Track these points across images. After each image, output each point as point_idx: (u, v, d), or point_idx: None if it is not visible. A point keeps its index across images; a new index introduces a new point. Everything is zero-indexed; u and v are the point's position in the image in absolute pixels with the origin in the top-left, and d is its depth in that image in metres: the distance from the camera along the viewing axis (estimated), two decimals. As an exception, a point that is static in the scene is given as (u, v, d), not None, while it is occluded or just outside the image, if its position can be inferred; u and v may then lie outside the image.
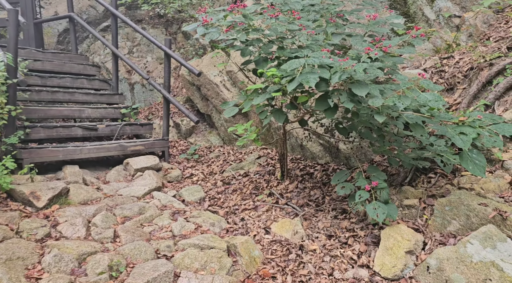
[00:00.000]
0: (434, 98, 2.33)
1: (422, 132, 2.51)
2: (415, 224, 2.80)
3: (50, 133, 4.27)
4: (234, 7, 3.02)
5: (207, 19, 3.24)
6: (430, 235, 2.63)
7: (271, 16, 2.94)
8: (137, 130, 5.15)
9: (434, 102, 2.30)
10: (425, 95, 2.38)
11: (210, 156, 5.32)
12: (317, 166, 4.25)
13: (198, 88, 5.79)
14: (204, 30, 3.20)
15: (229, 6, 3.10)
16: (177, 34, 8.03)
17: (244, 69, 3.59)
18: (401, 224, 2.69)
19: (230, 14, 3.12)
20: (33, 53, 5.65)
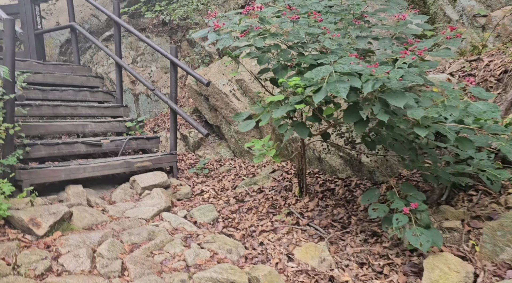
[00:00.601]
0: (490, 108, 2.02)
1: (470, 147, 2.20)
2: (459, 250, 2.48)
3: (52, 151, 3.99)
4: (250, 10, 2.74)
5: (219, 24, 2.96)
6: (480, 265, 2.31)
7: (291, 19, 2.65)
8: (144, 145, 4.87)
9: (490, 113, 1.99)
10: (478, 105, 2.08)
11: (220, 170, 5.02)
12: (337, 180, 3.93)
13: (206, 98, 5.51)
14: (215, 36, 2.91)
15: (243, 9, 2.82)
16: (182, 42, 7.78)
17: (260, 78, 3.30)
18: (446, 252, 2.37)
19: (244, 18, 2.84)
20: (34, 66, 5.41)
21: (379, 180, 3.70)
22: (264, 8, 2.81)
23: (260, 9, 2.74)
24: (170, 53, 4.80)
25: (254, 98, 4.92)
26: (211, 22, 3.13)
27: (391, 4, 3.09)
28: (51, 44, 8.16)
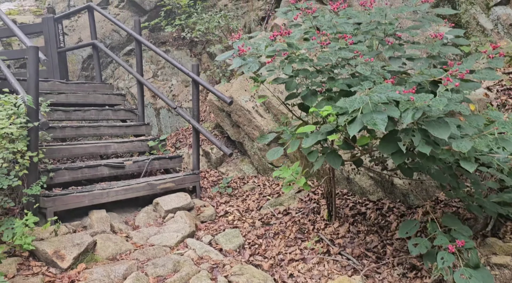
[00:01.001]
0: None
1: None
2: (512, 291, 2.27)
3: (75, 176, 3.96)
4: (277, 35, 2.61)
5: (244, 49, 2.84)
6: (538, 310, 2.09)
7: (322, 44, 2.50)
8: (166, 164, 4.79)
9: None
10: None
11: (244, 188, 4.90)
12: (368, 203, 3.74)
13: (228, 114, 5.41)
14: (241, 62, 2.80)
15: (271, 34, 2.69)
16: (202, 54, 7.74)
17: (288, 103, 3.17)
18: (499, 296, 2.16)
19: (271, 43, 2.71)
20: (57, 86, 5.43)
21: (414, 204, 3.50)
22: (292, 31, 2.67)
23: (288, 34, 2.61)
24: (191, 70, 4.72)
25: (277, 114, 4.79)
26: (235, 45, 3.02)
27: (425, 21, 2.90)
28: (74, 60, 8.26)
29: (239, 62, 2.80)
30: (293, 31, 2.73)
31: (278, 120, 4.80)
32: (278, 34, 2.59)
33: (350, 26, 2.77)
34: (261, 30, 6.89)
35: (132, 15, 8.20)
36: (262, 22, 7.06)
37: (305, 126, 2.33)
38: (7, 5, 11.47)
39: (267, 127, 4.82)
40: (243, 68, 2.77)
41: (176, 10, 7.63)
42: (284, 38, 2.60)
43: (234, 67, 2.85)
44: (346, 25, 2.77)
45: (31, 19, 9.13)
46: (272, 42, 2.71)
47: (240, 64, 2.79)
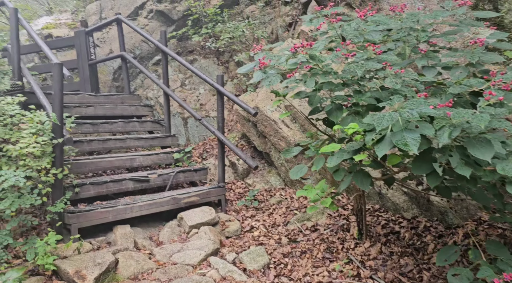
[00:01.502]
0: None
1: None
2: None
3: (100, 190, 3.96)
4: (299, 47, 2.45)
5: (265, 62, 2.70)
6: None
7: (346, 56, 2.32)
8: (191, 177, 4.73)
9: None
10: None
11: (271, 202, 4.74)
12: (402, 221, 3.48)
13: (254, 124, 5.28)
14: (262, 75, 2.66)
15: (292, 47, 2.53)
16: (229, 63, 7.68)
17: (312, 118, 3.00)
18: None
19: (293, 55, 2.55)
20: (86, 98, 5.53)
21: (453, 223, 3.21)
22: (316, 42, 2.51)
23: (310, 46, 2.44)
24: (216, 81, 4.64)
25: (304, 125, 4.60)
26: (256, 57, 2.89)
27: (462, 25, 2.64)
28: (105, 71, 8.45)
29: (259, 75, 2.66)
30: (316, 43, 2.56)
31: (305, 130, 4.62)
32: (300, 46, 2.43)
33: (379, 34, 2.57)
34: (288, 36, 6.74)
35: (160, 25, 8.29)
36: (290, 28, 6.91)
37: (329, 145, 2.15)
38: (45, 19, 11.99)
39: (293, 139, 4.65)
40: (264, 82, 2.63)
41: (203, 18, 7.63)
42: (306, 50, 2.44)
43: (255, 81, 2.72)
44: (374, 33, 2.57)
45: (66, 32, 9.45)
46: (293, 55, 2.56)
47: (261, 77, 2.65)
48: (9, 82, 4.46)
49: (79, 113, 5.13)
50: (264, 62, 2.69)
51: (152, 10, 8.34)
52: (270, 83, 2.60)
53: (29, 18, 10.21)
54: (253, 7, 8.17)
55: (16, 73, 4.45)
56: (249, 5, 8.33)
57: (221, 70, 7.53)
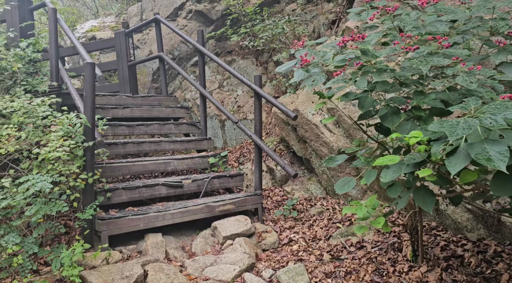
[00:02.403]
0: None
1: None
2: None
3: (132, 196, 3.81)
4: (347, 41, 2.10)
5: (307, 58, 2.37)
6: None
7: (407, 50, 1.94)
8: (226, 183, 4.48)
9: None
10: None
11: (311, 212, 4.39)
12: (466, 243, 3.01)
13: (293, 128, 4.95)
14: (303, 74, 2.34)
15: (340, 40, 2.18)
16: (268, 63, 7.39)
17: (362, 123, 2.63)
18: None
19: (341, 50, 2.21)
20: (124, 99, 5.45)
21: (531, 249, 2.70)
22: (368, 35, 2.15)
23: (361, 39, 2.08)
24: (254, 82, 4.36)
25: (349, 129, 4.21)
26: (298, 53, 2.57)
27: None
28: (145, 72, 8.46)
29: (301, 74, 2.34)
30: (368, 35, 2.19)
31: (350, 136, 4.23)
32: (349, 40, 2.08)
33: (444, 25, 2.16)
34: (331, 34, 6.34)
35: (199, 26, 8.17)
36: (333, 26, 6.51)
37: (386, 157, 1.79)
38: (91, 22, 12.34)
39: (336, 144, 4.27)
40: (306, 81, 2.30)
41: (242, 18, 7.40)
42: (356, 44, 2.08)
43: (296, 80, 2.40)
44: (438, 24, 2.16)
45: (109, 34, 9.61)
46: (341, 50, 2.21)
47: (303, 76, 2.33)
48: (47, 83, 4.44)
49: (116, 115, 5.05)
50: (307, 60, 2.36)
51: (191, 10, 8.25)
52: (313, 84, 2.27)
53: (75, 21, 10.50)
54: (294, 5, 7.84)
55: (54, 74, 4.42)
56: (289, 3, 8.01)
57: (259, 70, 7.26)
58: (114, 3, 13.73)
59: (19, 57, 4.15)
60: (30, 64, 4.67)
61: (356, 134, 4.12)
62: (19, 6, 4.88)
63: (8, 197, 2.56)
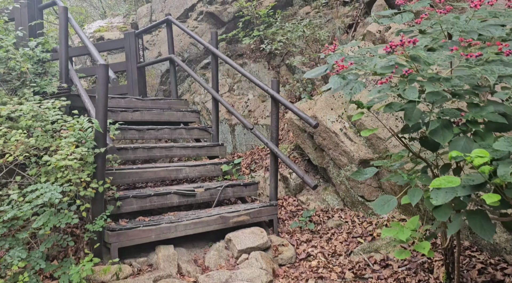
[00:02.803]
0: None
1: None
2: None
3: (143, 204, 3.61)
4: (396, 46, 1.90)
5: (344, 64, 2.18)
6: None
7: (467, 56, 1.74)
8: (240, 192, 4.28)
9: None
10: None
11: (328, 224, 4.17)
12: (506, 266, 2.79)
13: (310, 135, 4.74)
14: (339, 81, 2.14)
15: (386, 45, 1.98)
16: (281, 67, 7.20)
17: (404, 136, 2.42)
18: None
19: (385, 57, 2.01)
20: (133, 102, 5.27)
21: None
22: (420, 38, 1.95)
23: (412, 43, 1.88)
24: (271, 86, 4.17)
25: (371, 139, 4.00)
26: (330, 58, 2.37)
27: None
28: (153, 74, 8.29)
29: (337, 81, 2.14)
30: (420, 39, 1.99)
31: (372, 145, 4.02)
32: (398, 45, 1.88)
33: (500, 30, 1.96)
34: (348, 39, 6.15)
35: (210, 28, 8.00)
36: (349, 30, 6.32)
37: (443, 178, 1.58)
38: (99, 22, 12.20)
39: (358, 154, 4.06)
40: (344, 90, 2.10)
41: (255, 20, 7.22)
42: (408, 49, 1.88)
43: (331, 88, 2.20)
44: (493, 28, 1.96)
45: (117, 35, 9.45)
46: (386, 55, 2.01)
47: (339, 84, 2.13)
48: (56, 84, 4.26)
49: (125, 118, 4.86)
50: (343, 65, 2.16)
51: (202, 12, 8.08)
52: (352, 92, 2.07)
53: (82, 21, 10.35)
54: (308, 8, 7.66)
55: (63, 75, 4.23)
56: (303, 6, 7.83)
57: (271, 75, 7.07)
58: (121, 3, 13.61)
59: (28, 57, 3.97)
60: (38, 64, 4.49)
61: (379, 145, 3.91)
62: (28, 4, 4.70)
63: (15, 207, 2.37)
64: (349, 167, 4.18)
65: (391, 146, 3.80)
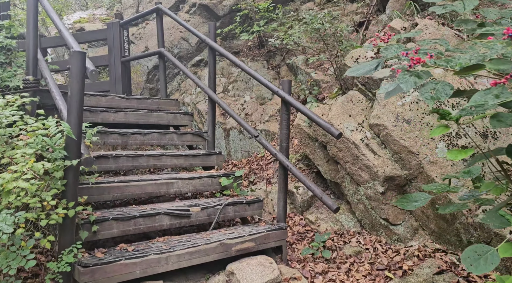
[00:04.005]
0: None
1: None
2: None
3: (126, 228, 2.90)
4: None
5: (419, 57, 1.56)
6: None
7: None
8: (243, 211, 3.61)
9: None
10: None
11: (345, 251, 3.56)
12: None
13: (323, 145, 4.13)
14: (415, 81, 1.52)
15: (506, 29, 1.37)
16: (281, 67, 6.58)
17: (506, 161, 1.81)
18: None
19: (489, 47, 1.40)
20: (116, 101, 4.55)
21: None
22: None
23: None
24: (282, 88, 3.53)
25: (401, 152, 3.41)
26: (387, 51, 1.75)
27: None
28: (139, 70, 7.54)
29: (410, 81, 1.52)
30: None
31: (400, 160, 3.43)
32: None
33: None
34: (358, 38, 5.58)
35: (203, 21, 7.31)
36: (359, 28, 5.75)
37: None
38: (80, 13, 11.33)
39: (382, 170, 3.46)
40: (421, 94, 1.49)
41: (254, 15, 6.58)
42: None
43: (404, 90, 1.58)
44: None
45: (99, 27, 8.65)
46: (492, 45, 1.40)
47: (413, 85, 1.50)
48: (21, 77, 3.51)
49: (106, 119, 4.14)
50: (419, 59, 1.54)
51: (195, 4, 7.39)
52: (435, 97, 1.45)
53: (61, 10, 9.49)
54: (311, 4, 7.07)
55: (31, 66, 3.49)
56: (305, 2, 7.24)
57: (271, 75, 6.44)
58: (105, -6, 12.76)
59: (-14, 42, 3.22)
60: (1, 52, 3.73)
61: (410, 160, 3.32)
62: (-9, -20, 3.93)
63: None
64: (371, 184, 3.57)
65: (426, 162, 3.21)
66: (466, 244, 3.00)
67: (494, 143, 3.12)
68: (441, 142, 3.22)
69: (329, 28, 4.15)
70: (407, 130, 3.35)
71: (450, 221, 3.12)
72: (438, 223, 3.22)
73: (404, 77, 1.55)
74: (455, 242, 3.11)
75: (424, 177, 3.25)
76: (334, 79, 5.14)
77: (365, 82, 3.90)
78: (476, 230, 2.90)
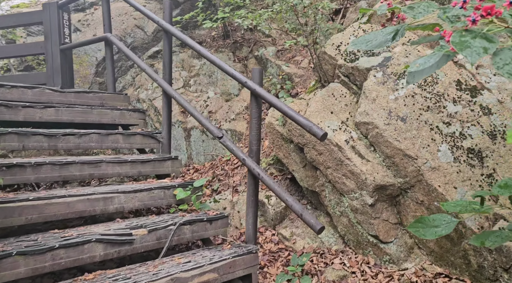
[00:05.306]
0: None
1: None
2: None
3: (40, 265, 2.12)
4: None
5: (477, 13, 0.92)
6: None
7: None
8: (203, 231, 2.91)
9: None
10: None
11: (327, 276, 2.94)
12: None
13: (299, 148, 3.50)
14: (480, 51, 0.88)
15: None
16: (248, 59, 5.92)
17: None
18: None
19: None
20: (46, 95, 3.70)
21: None
22: None
23: None
24: (251, 79, 2.86)
25: (394, 156, 2.83)
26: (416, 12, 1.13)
27: None
28: (86, 62, 6.61)
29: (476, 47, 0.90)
30: None
31: (394, 166, 2.85)
32: None
33: None
34: (334, 27, 5.01)
35: (161, 8, 6.51)
36: (335, 17, 5.19)
37: None
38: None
39: (372, 177, 2.87)
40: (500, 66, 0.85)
41: (218, 1, 5.87)
42: None
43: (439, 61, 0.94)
44: None
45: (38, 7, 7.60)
46: None
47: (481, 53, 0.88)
48: None
49: (31, 117, 3.30)
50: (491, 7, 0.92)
51: (151, -12, 6.56)
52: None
53: (-4, -8, 8.30)
54: (281, -8, 6.44)
55: None
56: (275, -10, 6.60)
57: (238, 68, 5.76)
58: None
59: None
60: None
61: (406, 165, 2.75)
62: None
63: None
64: (358, 194, 2.98)
65: (426, 168, 2.65)
66: (476, 269, 2.46)
67: (504, 145, 2.60)
68: (443, 144, 2.68)
69: (308, 5, 3.52)
70: (402, 129, 2.77)
71: (455, 239, 2.57)
72: (440, 242, 2.66)
73: (463, 41, 0.91)
74: (461, 265, 2.57)
75: (423, 186, 2.69)
76: (309, 72, 4.54)
77: (348, 73, 3.30)
78: (491, 252, 2.36)
